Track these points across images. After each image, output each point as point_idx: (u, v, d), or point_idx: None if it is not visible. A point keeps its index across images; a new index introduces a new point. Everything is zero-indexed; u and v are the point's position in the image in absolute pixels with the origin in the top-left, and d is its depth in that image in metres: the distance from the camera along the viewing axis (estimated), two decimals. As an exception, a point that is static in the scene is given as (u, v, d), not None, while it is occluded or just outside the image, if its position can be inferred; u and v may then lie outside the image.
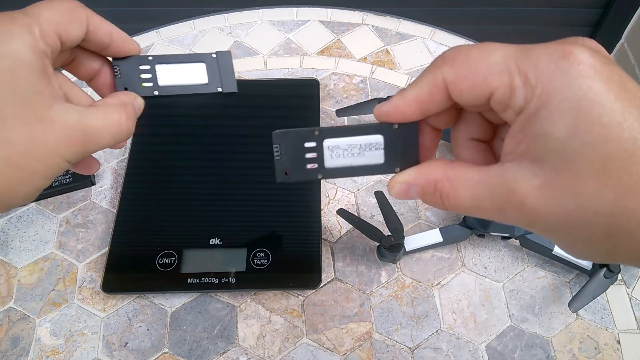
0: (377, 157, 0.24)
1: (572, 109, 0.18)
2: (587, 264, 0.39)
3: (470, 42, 0.58)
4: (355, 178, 0.47)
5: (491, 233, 0.40)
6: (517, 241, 0.42)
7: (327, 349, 0.38)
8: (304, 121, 0.49)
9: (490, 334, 0.39)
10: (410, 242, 0.40)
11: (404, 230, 0.40)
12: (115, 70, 0.28)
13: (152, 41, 0.58)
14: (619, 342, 0.38)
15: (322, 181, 0.46)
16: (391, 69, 0.55)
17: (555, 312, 0.39)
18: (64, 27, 0.24)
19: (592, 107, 0.18)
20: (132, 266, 0.41)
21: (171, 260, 0.40)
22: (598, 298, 0.39)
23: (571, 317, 0.39)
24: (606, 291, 0.39)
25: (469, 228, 0.41)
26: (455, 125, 0.24)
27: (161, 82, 0.28)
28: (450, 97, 0.21)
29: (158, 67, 0.28)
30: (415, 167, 0.23)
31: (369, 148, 0.23)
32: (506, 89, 0.19)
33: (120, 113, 0.25)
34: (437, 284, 0.41)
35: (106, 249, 0.42)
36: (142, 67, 0.28)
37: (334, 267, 0.42)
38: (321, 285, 0.41)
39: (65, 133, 0.22)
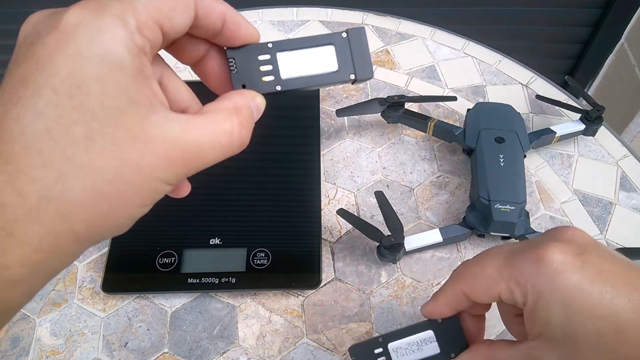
0: (433, 349, 0.29)
1: (560, 299, 0.23)
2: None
3: (471, 42, 0.58)
4: (355, 178, 0.47)
5: (491, 233, 0.40)
6: (517, 241, 0.42)
7: (327, 349, 0.38)
8: (303, 121, 0.49)
9: (489, 334, 0.39)
10: (410, 242, 0.40)
11: (404, 230, 0.40)
12: (231, 63, 0.23)
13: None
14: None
15: (322, 181, 0.46)
16: (391, 69, 0.55)
17: (555, 312, 0.39)
18: (166, 14, 0.19)
19: (575, 295, 0.23)
20: (132, 266, 0.40)
21: (171, 260, 0.40)
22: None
23: (571, 317, 0.39)
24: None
25: (469, 228, 0.41)
26: (499, 306, 0.29)
27: (284, 74, 0.23)
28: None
29: (280, 56, 0.23)
30: (467, 352, 0.29)
31: (425, 343, 0.29)
32: (507, 291, 0.25)
33: (232, 121, 0.20)
34: (437, 284, 0.41)
35: (106, 249, 0.42)
36: (261, 58, 0.23)
37: (334, 267, 0.42)
38: (321, 285, 0.41)
39: (164, 151, 0.18)
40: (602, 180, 0.47)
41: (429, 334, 0.29)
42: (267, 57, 0.23)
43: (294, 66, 0.23)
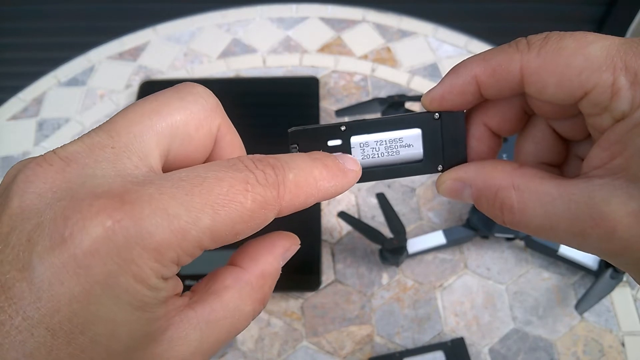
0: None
1: None
2: (593, 265, 0.39)
3: (474, 40, 0.57)
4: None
5: (495, 235, 0.40)
6: (521, 242, 0.41)
7: (327, 352, 0.37)
8: (303, 120, 0.48)
9: (493, 337, 0.38)
10: (413, 245, 0.40)
11: (406, 232, 0.39)
12: (293, 149, 0.19)
13: (148, 39, 0.58)
14: (623, 345, 0.38)
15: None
16: (392, 67, 0.55)
17: (559, 315, 0.39)
18: (223, 239, 0.15)
19: None
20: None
21: (168, 262, 0.40)
22: (602, 300, 0.39)
23: (575, 320, 0.39)
24: (611, 292, 0.38)
25: (473, 229, 0.40)
26: (521, 139, 0.20)
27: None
28: (520, 87, 0.17)
29: (354, 141, 0.19)
30: (476, 164, 0.19)
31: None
32: (607, 88, 0.16)
33: (253, 302, 0.17)
34: (440, 286, 0.40)
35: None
36: (331, 143, 0.19)
37: (334, 268, 0.41)
38: (321, 287, 0.40)
39: None
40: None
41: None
42: (338, 142, 0.19)
43: (371, 152, 0.19)
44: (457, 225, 0.41)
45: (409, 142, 0.19)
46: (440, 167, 0.20)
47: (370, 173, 0.20)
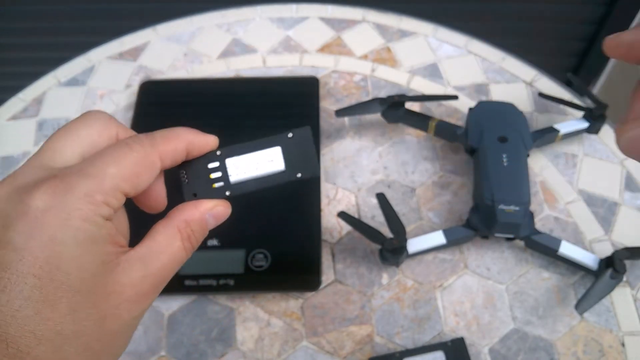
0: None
1: None
2: (592, 265, 0.39)
3: (474, 40, 0.57)
4: (356, 178, 0.46)
5: (496, 235, 0.39)
6: (521, 242, 0.41)
7: (327, 352, 0.37)
8: (303, 120, 0.48)
9: (493, 337, 0.38)
10: (413, 245, 0.40)
11: (406, 232, 0.39)
12: (182, 176, 0.24)
13: (148, 39, 0.58)
14: (623, 345, 0.38)
15: (322, 181, 0.46)
16: (392, 67, 0.55)
17: (559, 315, 0.39)
18: (132, 181, 0.21)
19: None
20: (129, 268, 0.40)
21: (168, 262, 0.40)
22: (602, 300, 0.39)
23: (575, 320, 0.39)
24: (611, 292, 0.38)
25: (473, 230, 0.40)
26: None
27: (233, 178, 0.24)
28: None
29: (228, 162, 0.24)
30: None
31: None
32: None
33: (182, 238, 0.22)
34: (440, 286, 0.40)
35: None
36: (210, 166, 0.24)
37: (334, 268, 0.41)
38: (321, 287, 0.40)
39: (134, 292, 0.20)
40: (607, 180, 0.46)
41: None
42: (216, 164, 0.24)
43: (243, 169, 0.24)
44: (457, 225, 0.41)
45: (272, 158, 0.24)
46: (299, 175, 0.24)
47: (245, 185, 0.24)
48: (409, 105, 0.48)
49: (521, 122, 0.44)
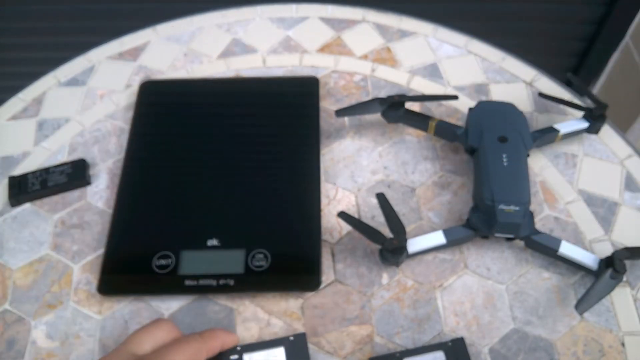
0: None
1: None
2: (592, 265, 0.39)
3: (474, 40, 0.57)
4: (356, 178, 0.46)
5: (496, 235, 0.40)
6: (521, 242, 0.41)
7: (327, 352, 0.37)
8: (303, 119, 0.48)
9: (493, 337, 0.38)
10: (413, 245, 0.40)
11: (406, 232, 0.39)
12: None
13: (148, 39, 0.58)
14: (623, 345, 0.38)
15: (322, 181, 0.46)
16: (392, 67, 0.55)
17: (559, 315, 0.39)
18: None
19: None
20: (129, 268, 0.40)
21: (168, 261, 0.40)
22: (602, 300, 0.39)
23: (575, 320, 0.39)
24: (611, 292, 0.38)
25: (473, 230, 0.40)
26: None
27: None
28: None
29: (245, 357, 0.34)
30: None
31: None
32: None
33: None
34: (440, 286, 0.40)
35: (102, 251, 0.41)
36: (232, 358, 0.34)
37: (334, 268, 0.41)
38: (321, 287, 0.40)
39: None
40: (607, 180, 0.46)
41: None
42: (236, 357, 0.34)
43: None
44: (457, 225, 0.41)
45: (276, 354, 0.34)
46: None
47: None
48: (409, 105, 0.48)
49: (521, 122, 0.44)
